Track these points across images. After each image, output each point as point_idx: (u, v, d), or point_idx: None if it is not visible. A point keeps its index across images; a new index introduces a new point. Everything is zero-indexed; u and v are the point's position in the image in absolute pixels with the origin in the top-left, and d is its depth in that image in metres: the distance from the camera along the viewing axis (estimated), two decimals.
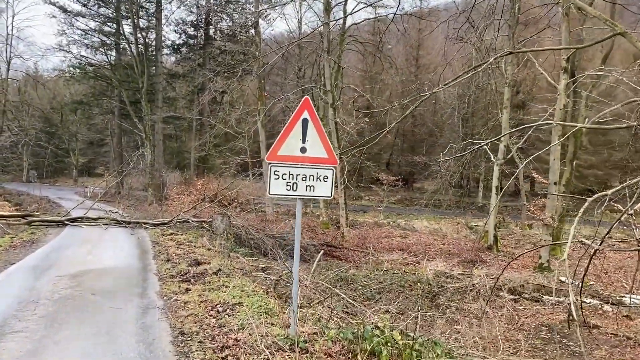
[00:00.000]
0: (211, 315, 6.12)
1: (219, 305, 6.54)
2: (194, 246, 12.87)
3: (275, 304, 6.87)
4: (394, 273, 14.78)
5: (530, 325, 10.92)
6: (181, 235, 15.02)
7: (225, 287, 7.76)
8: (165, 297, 7.10)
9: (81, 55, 34.29)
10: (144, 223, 17.35)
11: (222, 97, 38.05)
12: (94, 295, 6.98)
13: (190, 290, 7.52)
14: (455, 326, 10.04)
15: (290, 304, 6.97)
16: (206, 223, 17.21)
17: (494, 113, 34.04)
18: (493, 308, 11.35)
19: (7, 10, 35.13)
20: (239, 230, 16.59)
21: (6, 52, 32.38)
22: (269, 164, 4.82)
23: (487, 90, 30.27)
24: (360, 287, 12.22)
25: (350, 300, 8.22)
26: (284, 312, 6.40)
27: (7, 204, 24.36)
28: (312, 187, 4.91)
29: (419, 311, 7.11)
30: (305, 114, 4.78)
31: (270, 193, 4.88)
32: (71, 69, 34.41)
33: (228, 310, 6.35)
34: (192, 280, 8.41)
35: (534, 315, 11.67)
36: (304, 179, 4.88)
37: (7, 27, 34.20)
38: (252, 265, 11.94)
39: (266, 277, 10.07)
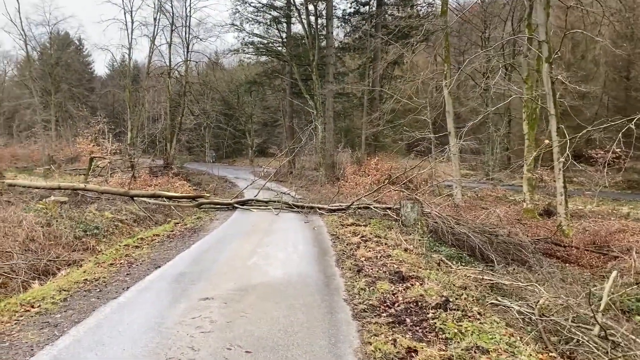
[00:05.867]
0: None
1: None
2: (385, 244, 9.49)
3: None
4: None
5: None
6: (364, 225, 11.85)
7: (480, 350, 4.09)
8: None
9: (253, 33, 33.72)
10: (319, 208, 14.68)
11: (394, 69, 34.78)
12: (250, 357, 3.87)
13: (416, 353, 4.01)
14: None
15: None
16: (391, 210, 13.81)
17: None
18: None
19: None
20: (434, 221, 12.83)
21: (185, 33, 32.99)
22: None
23: None
24: None
25: None
26: None
27: (187, 184, 24.21)
28: None
29: None
30: None
31: None
32: (244, 47, 34.08)
33: None
34: (408, 322, 4.91)
35: None
36: None
37: (185, 8, 34.86)
38: (474, 278, 8.12)
39: (516, 309, 6.20)
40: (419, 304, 5.47)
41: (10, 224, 9.80)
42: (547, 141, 14.75)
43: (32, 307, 5.08)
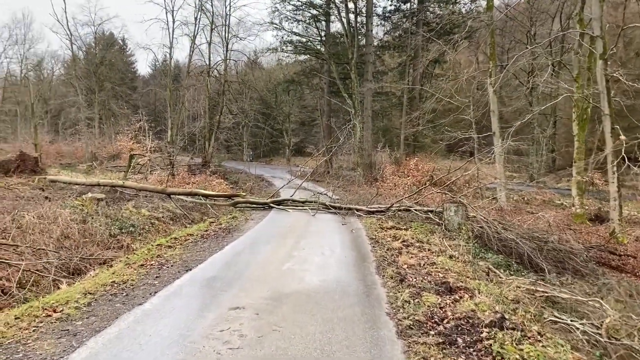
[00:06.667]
0: None
1: None
2: (429, 250, 8.90)
3: None
4: None
5: None
6: (405, 229, 11.24)
7: None
8: None
9: (292, 32, 33.48)
10: (357, 209, 14.17)
11: (434, 67, 33.92)
12: None
13: None
14: None
15: None
16: (433, 213, 13.15)
17: None
18: None
19: None
20: (479, 225, 12.09)
21: (225, 32, 32.97)
22: None
23: None
24: None
25: None
26: None
27: (224, 182, 24.14)
28: None
29: None
30: None
31: None
32: (283, 46, 33.91)
33: None
34: (460, 342, 4.36)
35: None
36: None
37: (225, 7, 34.95)
38: (526, 290, 7.45)
39: (579, 329, 5.54)
40: (471, 320, 4.90)
41: (47, 221, 9.74)
42: (622, 137, 13.68)
43: (54, 311, 4.80)
